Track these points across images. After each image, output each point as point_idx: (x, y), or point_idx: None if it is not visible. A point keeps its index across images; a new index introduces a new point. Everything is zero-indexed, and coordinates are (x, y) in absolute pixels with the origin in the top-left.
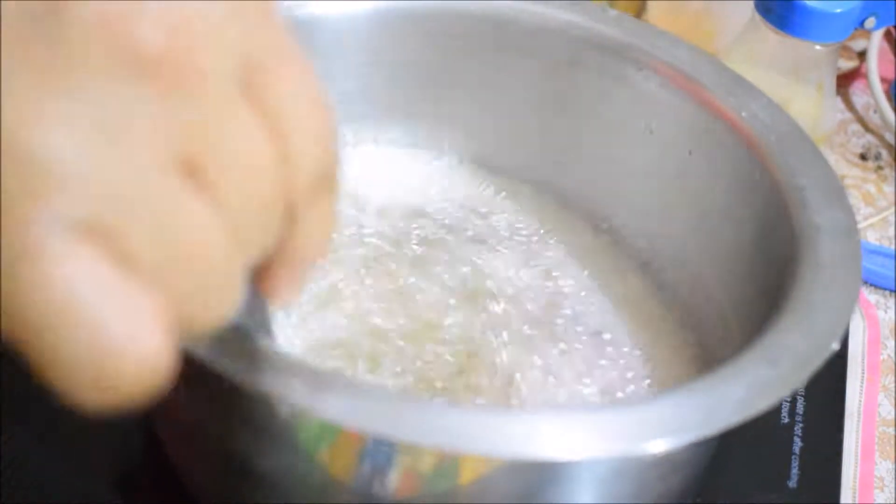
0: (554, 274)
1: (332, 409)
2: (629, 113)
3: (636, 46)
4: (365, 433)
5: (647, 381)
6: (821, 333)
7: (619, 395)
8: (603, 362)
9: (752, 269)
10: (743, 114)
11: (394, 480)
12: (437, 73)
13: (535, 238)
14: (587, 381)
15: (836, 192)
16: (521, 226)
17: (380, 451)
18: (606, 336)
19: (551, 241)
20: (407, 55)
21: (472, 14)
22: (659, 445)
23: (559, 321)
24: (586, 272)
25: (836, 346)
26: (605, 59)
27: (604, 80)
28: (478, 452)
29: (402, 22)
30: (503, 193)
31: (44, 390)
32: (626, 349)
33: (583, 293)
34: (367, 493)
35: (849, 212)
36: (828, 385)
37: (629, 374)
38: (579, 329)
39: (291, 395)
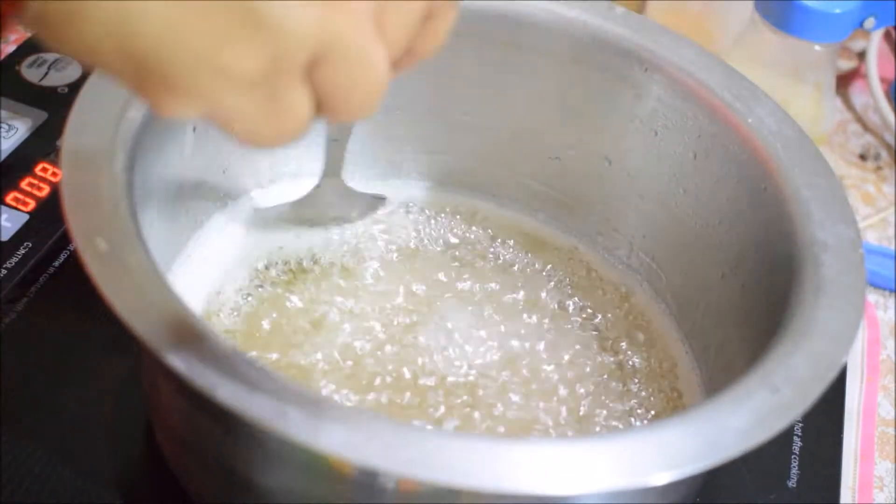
0: (551, 278)
1: (328, 441)
2: (634, 114)
3: (643, 46)
4: (363, 467)
5: (644, 393)
6: (823, 358)
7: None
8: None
9: (754, 281)
10: (749, 120)
11: (392, 494)
12: (440, 71)
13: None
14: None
15: (841, 204)
16: (518, 226)
17: (377, 476)
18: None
19: (548, 242)
20: None
21: (475, 11)
22: (659, 479)
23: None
24: (583, 276)
25: (837, 371)
26: (610, 58)
27: (609, 79)
28: (475, 488)
29: None
30: (498, 192)
31: (44, 390)
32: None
33: (579, 299)
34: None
35: (853, 226)
36: None
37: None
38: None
39: (287, 426)
